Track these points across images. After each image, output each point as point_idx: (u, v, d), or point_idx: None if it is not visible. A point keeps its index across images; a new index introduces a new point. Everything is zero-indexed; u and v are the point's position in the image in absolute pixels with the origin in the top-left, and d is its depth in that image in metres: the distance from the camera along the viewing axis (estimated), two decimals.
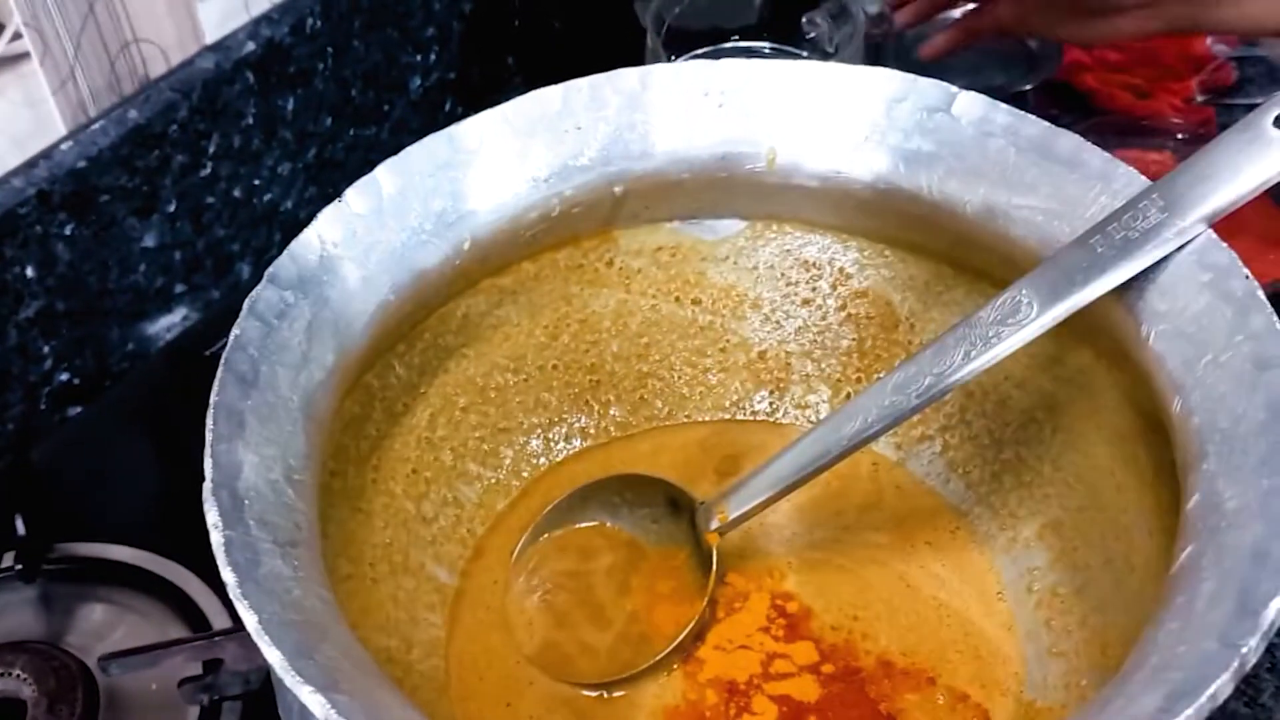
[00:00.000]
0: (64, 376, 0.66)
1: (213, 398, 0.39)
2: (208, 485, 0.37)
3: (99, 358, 0.68)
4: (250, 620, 0.34)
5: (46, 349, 0.65)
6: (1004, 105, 0.46)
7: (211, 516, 0.36)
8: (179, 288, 0.70)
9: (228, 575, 0.35)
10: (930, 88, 0.47)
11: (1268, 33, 0.65)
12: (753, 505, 0.46)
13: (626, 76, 0.49)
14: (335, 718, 0.32)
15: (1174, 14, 0.62)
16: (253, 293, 0.42)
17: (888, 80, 0.48)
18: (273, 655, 0.33)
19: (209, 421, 0.38)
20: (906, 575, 0.49)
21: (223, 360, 0.40)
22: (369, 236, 0.45)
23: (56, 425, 0.66)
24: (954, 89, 0.47)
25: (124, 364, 0.69)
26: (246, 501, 0.37)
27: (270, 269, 0.43)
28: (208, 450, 0.38)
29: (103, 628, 0.55)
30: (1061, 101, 0.75)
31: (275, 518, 0.38)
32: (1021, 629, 0.47)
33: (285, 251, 0.44)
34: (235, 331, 0.41)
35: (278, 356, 0.42)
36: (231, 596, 0.34)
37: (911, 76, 0.47)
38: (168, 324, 0.71)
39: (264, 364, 0.41)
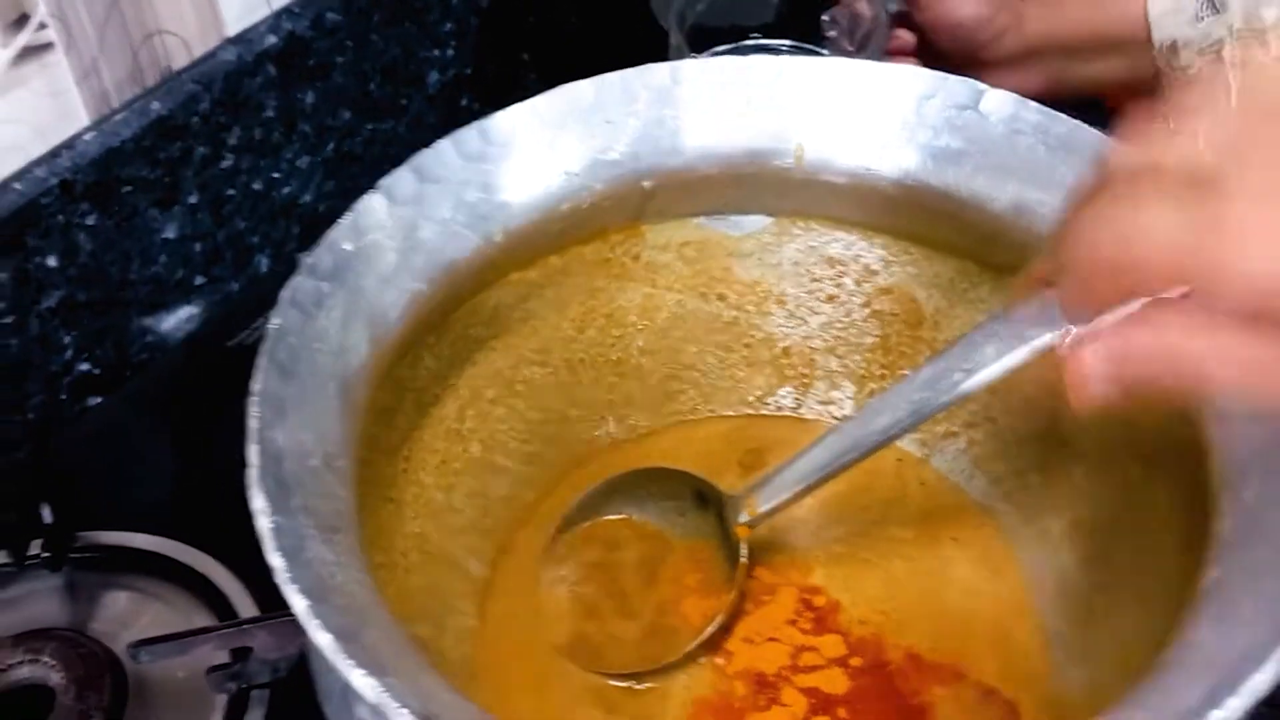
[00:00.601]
0: (84, 367, 0.66)
1: (254, 385, 0.39)
2: (253, 471, 0.37)
3: (119, 348, 0.68)
4: (299, 604, 0.34)
5: (67, 339, 0.65)
6: (1033, 103, 0.47)
7: (258, 502, 0.36)
8: (198, 279, 0.71)
9: (275, 560, 0.35)
10: (960, 85, 0.48)
11: (1134, 93, 0.61)
12: (783, 499, 0.47)
13: (657, 71, 0.49)
14: (388, 701, 0.32)
15: (1051, 70, 0.62)
16: (290, 282, 0.43)
17: (917, 77, 0.48)
18: (323, 639, 0.33)
19: (251, 409, 0.39)
20: (932, 571, 0.50)
21: (262, 349, 0.40)
22: (402, 227, 0.46)
23: (77, 415, 0.66)
24: (983, 86, 0.47)
25: (143, 355, 0.69)
26: (290, 488, 0.37)
27: (308, 258, 0.44)
28: (252, 437, 0.38)
29: (127, 615, 0.55)
30: (1095, 112, 0.75)
31: (318, 504, 0.38)
32: (1048, 625, 0.47)
33: (321, 241, 0.44)
34: (275, 320, 0.41)
35: (317, 345, 0.42)
36: (279, 581, 0.35)
37: (941, 74, 0.48)
38: (187, 315, 0.71)
39: (303, 352, 0.41)
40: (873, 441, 0.44)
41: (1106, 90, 0.64)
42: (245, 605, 0.54)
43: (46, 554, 0.55)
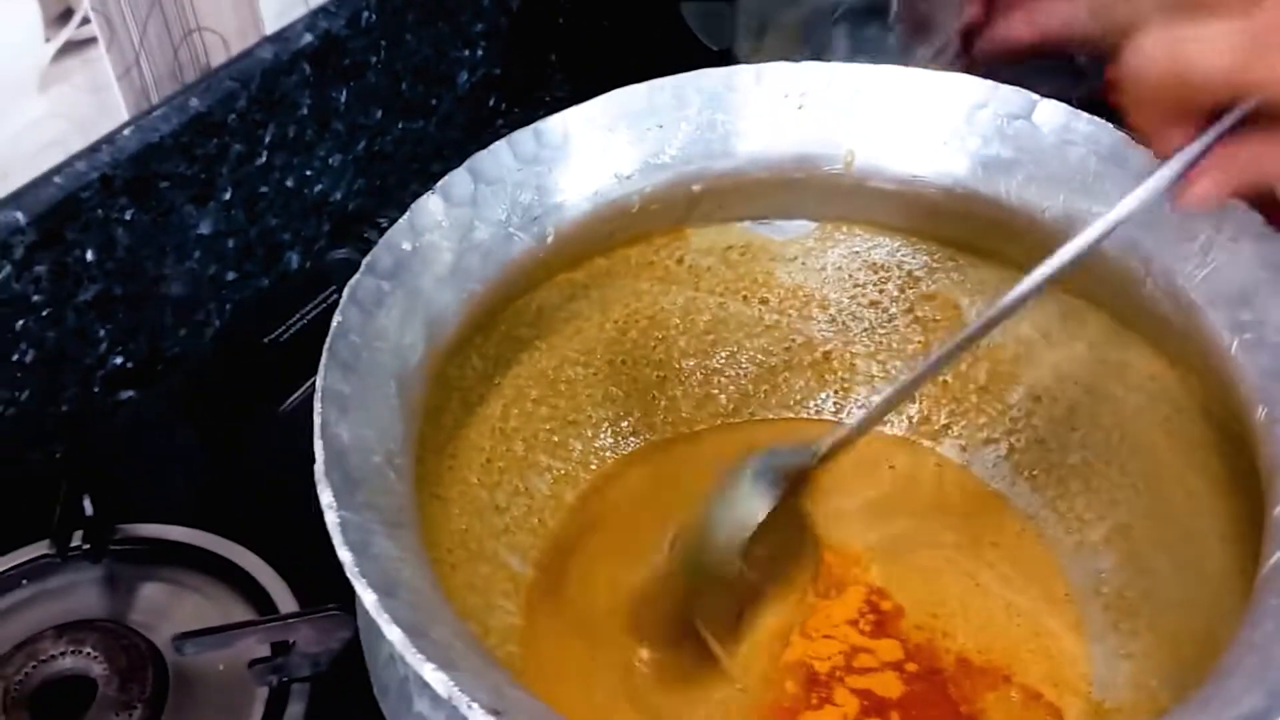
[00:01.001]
0: (118, 360, 0.66)
1: (319, 382, 0.40)
2: (320, 467, 0.37)
3: (152, 342, 0.68)
4: (369, 599, 0.34)
5: (102, 332, 0.65)
6: (1085, 114, 0.47)
7: (325, 497, 0.36)
8: (230, 275, 0.71)
9: (344, 554, 0.35)
10: (1012, 94, 0.48)
11: None
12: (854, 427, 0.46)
13: (710, 77, 0.50)
14: (459, 695, 0.32)
15: None
16: (352, 280, 0.43)
17: (969, 86, 0.49)
18: (393, 633, 0.34)
19: (317, 405, 0.39)
20: (976, 574, 0.50)
21: (326, 346, 0.41)
22: (459, 228, 0.46)
23: (110, 408, 0.66)
24: (1035, 96, 0.48)
25: (175, 349, 0.69)
26: (356, 482, 0.38)
27: (368, 258, 0.44)
28: (317, 433, 0.38)
29: (166, 607, 0.55)
30: (1104, 116, 0.75)
31: (381, 499, 0.38)
32: (1089, 630, 0.48)
33: (381, 241, 0.45)
34: (337, 318, 0.41)
35: (376, 343, 0.42)
36: (349, 575, 0.35)
37: (992, 84, 0.48)
38: (218, 310, 0.71)
39: (364, 350, 0.42)
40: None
41: None
42: (282, 598, 0.54)
43: (87, 545, 0.56)
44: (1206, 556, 0.44)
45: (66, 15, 0.59)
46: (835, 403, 0.57)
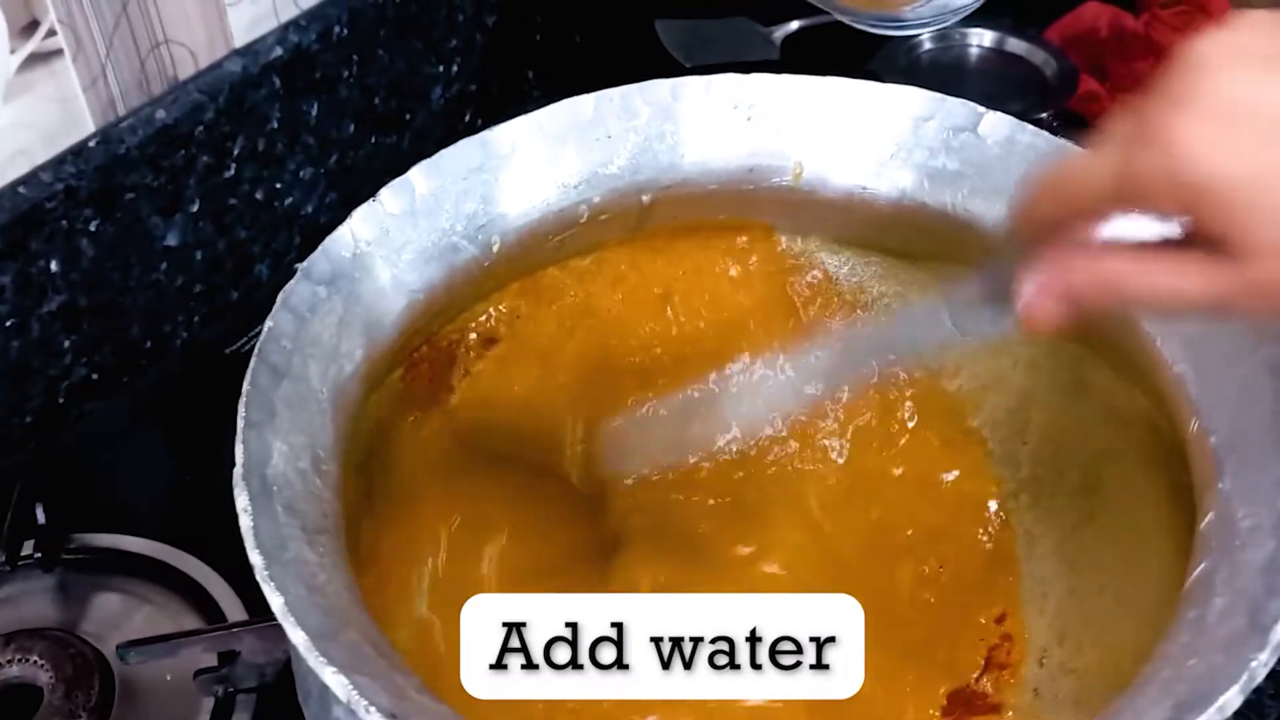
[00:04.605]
0: (83, 371, 0.67)
1: (245, 386, 0.40)
2: (238, 470, 0.37)
3: (118, 353, 0.68)
4: (276, 602, 0.34)
5: (67, 343, 0.65)
6: (1029, 125, 0.47)
7: (241, 501, 0.36)
8: (198, 287, 0.71)
9: (255, 558, 0.35)
10: (958, 107, 0.48)
11: None
12: None
13: (658, 87, 0.50)
14: (356, 699, 0.32)
15: None
16: (286, 286, 0.43)
17: (915, 98, 0.49)
18: (297, 636, 0.33)
19: (240, 409, 0.39)
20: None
21: (256, 350, 0.41)
22: (401, 236, 0.46)
23: (74, 419, 0.66)
24: (981, 109, 0.48)
25: (142, 360, 0.69)
26: (275, 488, 0.38)
27: (304, 264, 0.44)
28: (239, 436, 0.38)
29: (119, 617, 0.55)
30: (1074, 130, 0.76)
31: (303, 505, 0.38)
32: (1034, 642, 0.47)
33: (319, 248, 0.45)
34: (269, 323, 0.41)
35: (309, 349, 0.42)
36: (258, 578, 0.35)
37: (939, 96, 0.48)
38: (186, 322, 0.71)
39: (296, 356, 0.42)
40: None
41: None
42: (235, 610, 0.54)
43: (39, 555, 0.56)
44: (1149, 571, 0.44)
45: (32, 27, 0.59)
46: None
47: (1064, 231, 0.35)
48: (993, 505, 0.52)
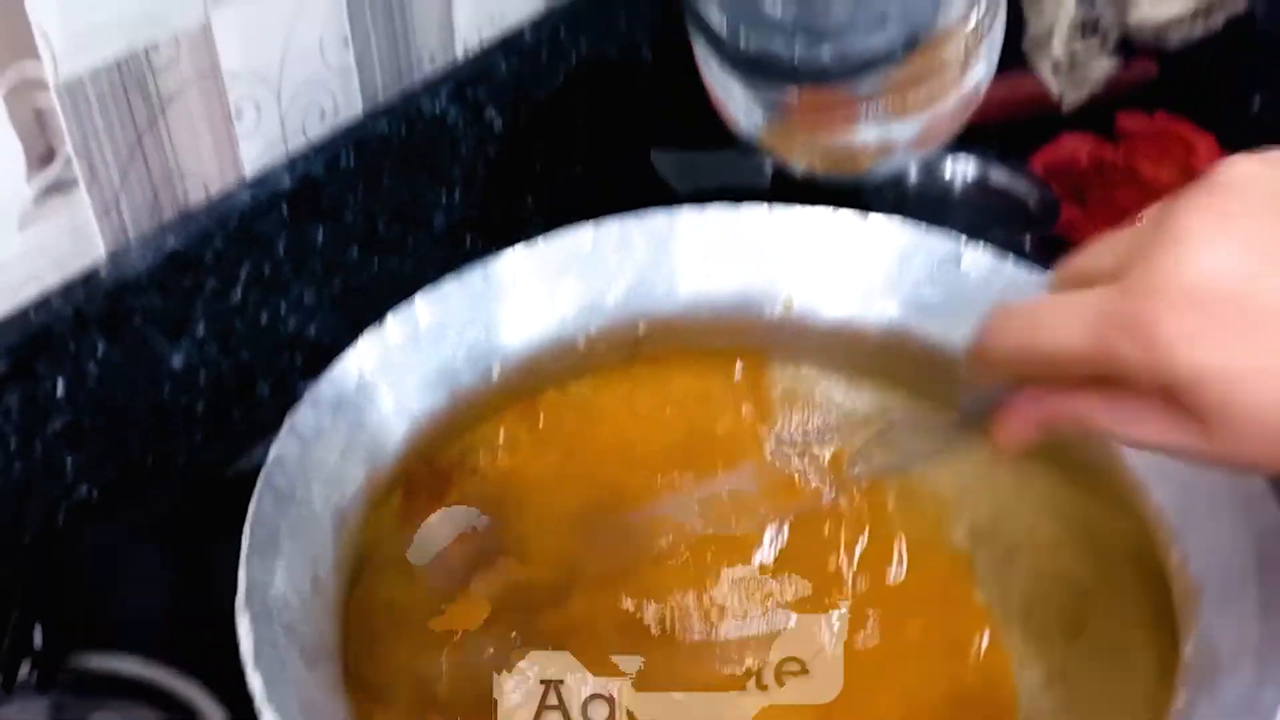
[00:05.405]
0: (84, 490, 0.67)
1: (250, 510, 0.40)
2: (241, 595, 0.38)
3: (120, 473, 0.69)
4: None
5: (70, 463, 0.66)
6: (1010, 257, 0.49)
7: (243, 625, 0.37)
8: (201, 407, 0.72)
9: (255, 681, 0.36)
10: (942, 240, 0.50)
11: None
12: None
13: (655, 219, 0.51)
14: None
15: None
16: (292, 412, 0.44)
17: (901, 231, 0.50)
18: None
19: (245, 534, 0.40)
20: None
21: (262, 475, 0.42)
22: (404, 363, 0.47)
23: (74, 538, 0.67)
24: (964, 242, 0.49)
25: (143, 480, 0.70)
26: (276, 611, 0.38)
27: (310, 391, 0.45)
28: (242, 561, 0.39)
29: None
30: (1057, 256, 0.77)
31: (304, 629, 0.39)
32: None
33: (324, 375, 0.46)
34: (275, 450, 0.43)
35: (314, 473, 0.43)
36: (256, 703, 0.35)
37: (924, 228, 0.50)
38: (188, 443, 0.72)
39: (300, 480, 0.43)
40: None
41: None
42: None
43: (35, 677, 0.56)
44: (1135, 689, 0.44)
45: (49, 156, 0.61)
46: None
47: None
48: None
